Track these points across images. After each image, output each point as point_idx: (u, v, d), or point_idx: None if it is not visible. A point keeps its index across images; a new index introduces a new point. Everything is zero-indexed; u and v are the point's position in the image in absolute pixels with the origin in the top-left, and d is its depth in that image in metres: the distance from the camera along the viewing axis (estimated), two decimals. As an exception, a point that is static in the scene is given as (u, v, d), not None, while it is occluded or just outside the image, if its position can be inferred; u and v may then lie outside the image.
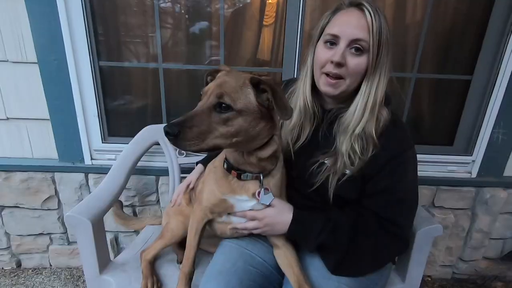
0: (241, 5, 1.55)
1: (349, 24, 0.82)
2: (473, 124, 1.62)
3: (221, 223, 0.97)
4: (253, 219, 0.89)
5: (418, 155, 1.61)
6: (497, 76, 1.50)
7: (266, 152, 0.82)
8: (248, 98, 0.74)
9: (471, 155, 1.64)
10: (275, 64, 1.62)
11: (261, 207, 0.89)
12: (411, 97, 1.61)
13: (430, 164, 1.66)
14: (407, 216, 0.90)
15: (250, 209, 0.89)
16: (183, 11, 1.57)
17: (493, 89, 1.52)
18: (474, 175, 1.65)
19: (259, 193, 0.86)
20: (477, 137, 1.61)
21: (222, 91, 0.72)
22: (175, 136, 0.66)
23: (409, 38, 1.56)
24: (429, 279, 1.87)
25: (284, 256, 0.93)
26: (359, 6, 0.83)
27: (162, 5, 1.50)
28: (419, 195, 1.75)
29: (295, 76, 1.53)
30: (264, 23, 1.57)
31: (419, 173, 1.61)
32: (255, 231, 0.91)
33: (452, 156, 1.66)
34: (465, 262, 1.84)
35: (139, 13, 1.51)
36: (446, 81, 1.61)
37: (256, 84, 0.75)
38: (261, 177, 0.85)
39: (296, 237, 0.92)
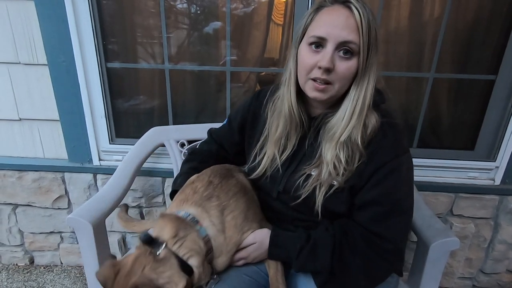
0: (250, 4, 1.51)
1: (336, 25, 0.72)
2: (497, 128, 1.50)
3: None
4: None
5: (435, 160, 1.54)
6: (525, 75, 1.38)
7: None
8: None
9: (495, 161, 1.52)
10: (283, 63, 1.57)
11: None
12: (428, 98, 1.51)
13: (449, 170, 1.55)
14: (398, 229, 0.80)
15: None
16: (190, 12, 1.54)
17: (520, 90, 1.41)
18: (497, 182, 1.53)
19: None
20: (501, 142, 1.49)
21: None
22: None
23: (426, 35, 1.46)
24: (447, 291, 1.76)
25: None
26: (345, 3, 0.73)
27: (170, 6, 1.49)
28: (435, 203, 1.64)
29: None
30: (278, 22, 1.52)
31: (436, 179, 1.55)
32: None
33: (473, 161, 1.54)
34: (486, 275, 1.72)
35: (146, 14, 1.51)
36: (467, 81, 1.50)
37: None
38: None
39: (277, 259, 0.88)
